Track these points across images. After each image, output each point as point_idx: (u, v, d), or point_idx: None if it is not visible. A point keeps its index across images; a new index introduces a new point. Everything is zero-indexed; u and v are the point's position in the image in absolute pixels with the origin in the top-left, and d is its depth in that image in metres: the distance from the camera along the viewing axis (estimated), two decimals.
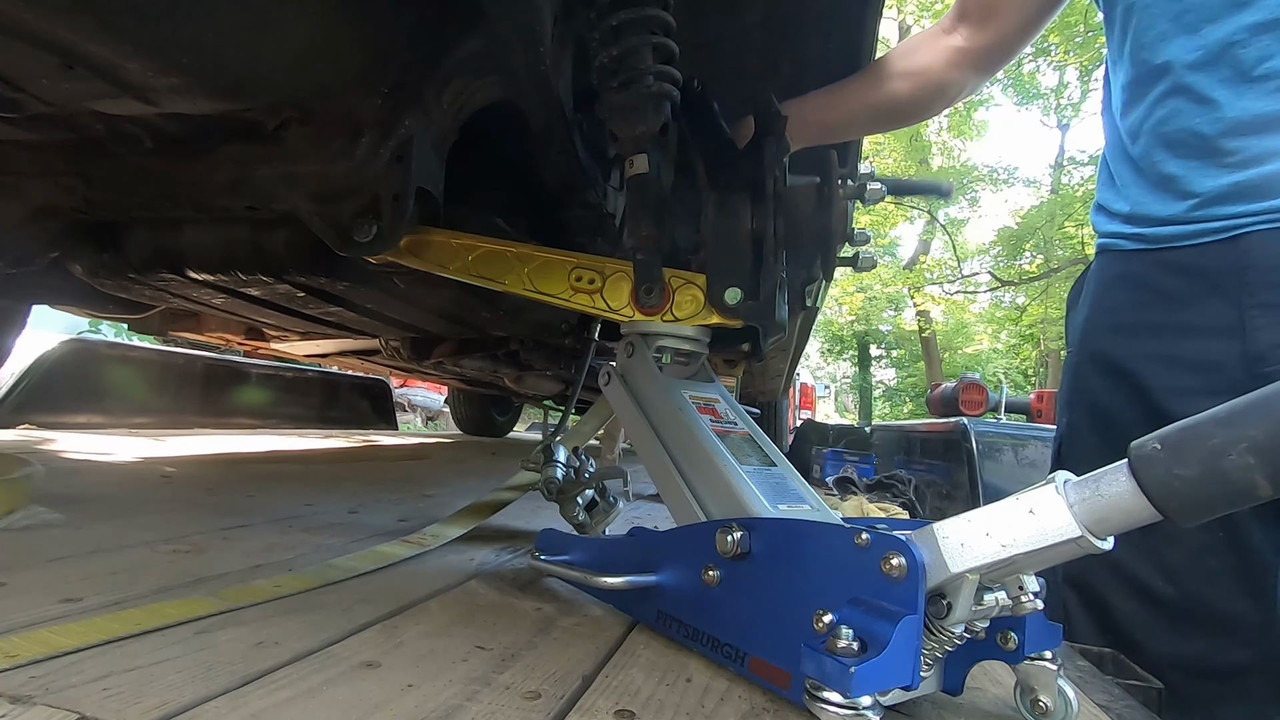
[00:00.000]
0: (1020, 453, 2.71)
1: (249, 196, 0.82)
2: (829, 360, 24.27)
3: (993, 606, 0.47)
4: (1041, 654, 0.52)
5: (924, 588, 0.44)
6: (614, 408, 0.84)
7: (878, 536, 0.46)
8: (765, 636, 0.54)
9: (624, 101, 0.79)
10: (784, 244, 0.81)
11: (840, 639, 0.44)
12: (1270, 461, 0.35)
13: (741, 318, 0.79)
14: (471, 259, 0.89)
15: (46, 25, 0.50)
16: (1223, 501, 0.37)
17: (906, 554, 0.44)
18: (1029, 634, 0.51)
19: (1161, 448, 0.39)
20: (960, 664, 0.54)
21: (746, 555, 0.57)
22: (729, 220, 0.80)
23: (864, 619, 0.45)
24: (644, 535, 0.70)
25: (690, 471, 0.73)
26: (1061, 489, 0.42)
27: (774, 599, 0.54)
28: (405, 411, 8.91)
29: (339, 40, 0.70)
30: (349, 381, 4.06)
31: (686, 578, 0.63)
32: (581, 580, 0.73)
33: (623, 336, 0.85)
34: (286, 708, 0.46)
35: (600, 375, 0.86)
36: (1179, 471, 0.38)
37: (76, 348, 2.58)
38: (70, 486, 1.29)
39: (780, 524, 0.57)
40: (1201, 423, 0.39)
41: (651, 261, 0.82)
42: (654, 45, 0.78)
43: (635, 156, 0.82)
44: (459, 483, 1.90)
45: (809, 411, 9.74)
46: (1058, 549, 0.42)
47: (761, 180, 0.78)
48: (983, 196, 16.65)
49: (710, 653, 0.60)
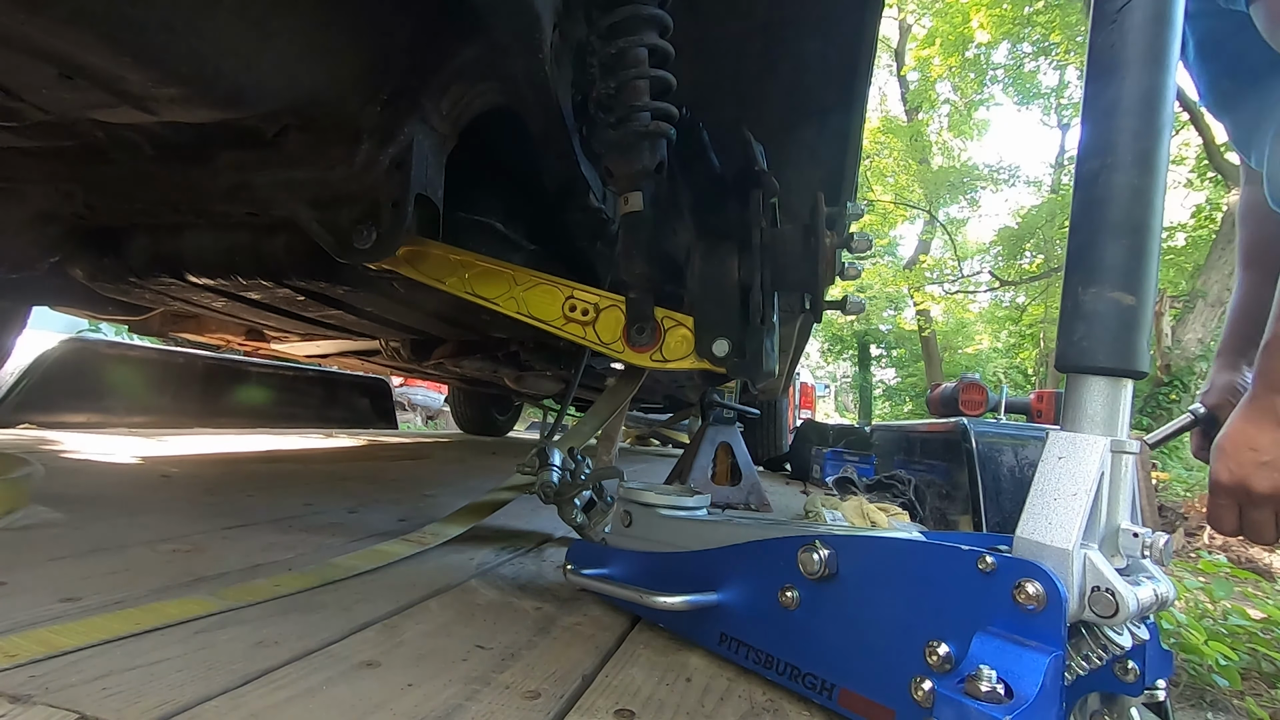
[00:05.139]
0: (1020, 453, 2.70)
1: (248, 202, 0.83)
2: (829, 360, 24.24)
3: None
4: (1155, 684, 0.47)
5: (1066, 619, 0.40)
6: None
7: (1005, 560, 0.42)
8: (858, 667, 0.49)
9: (620, 139, 0.79)
10: (770, 291, 0.81)
11: (982, 680, 0.38)
12: None
13: (729, 370, 0.80)
14: (468, 276, 0.90)
15: (46, 37, 0.51)
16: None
17: (1045, 581, 0.40)
18: (1149, 663, 0.46)
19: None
20: (1069, 699, 0.47)
21: (834, 576, 0.52)
22: (716, 270, 0.80)
23: (999, 655, 0.39)
24: (702, 550, 0.64)
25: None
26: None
27: (869, 626, 0.48)
28: (405, 410, 8.91)
29: (337, 48, 0.70)
30: (349, 381, 4.06)
31: (758, 598, 0.57)
32: (635, 599, 0.67)
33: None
34: (286, 707, 0.47)
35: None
36: None
37: (76, 347, 2.58)
38: (70, 486, 1.29)
39: (877, 542, 0.51)
40: None
41: (644, 300, 0.83)
42: (651, 79, 0.78)
43: (630, 194, 0.82)
44: (459, 482, 1.90)
45: (809, 411, 9.73)
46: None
47: (749, 230, 0.78)
48: (983, 196, 16.64)
49: (789, 683, 0.54)
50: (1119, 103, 0.49)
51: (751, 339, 0.79)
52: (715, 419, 1.98)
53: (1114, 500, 0.45)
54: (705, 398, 2.00)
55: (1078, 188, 0.50)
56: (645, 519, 0.75)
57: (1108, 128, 0.49)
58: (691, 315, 0.82)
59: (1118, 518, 0.45)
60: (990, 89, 16.01)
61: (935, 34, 14.13)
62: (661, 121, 0.79)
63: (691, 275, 0.82)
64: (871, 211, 14.43)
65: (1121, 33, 0.49)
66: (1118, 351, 0.47)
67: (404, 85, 0.76)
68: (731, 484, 1.93)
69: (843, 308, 0.89)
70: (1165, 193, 0.49)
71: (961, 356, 18.65)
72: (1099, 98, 0.50)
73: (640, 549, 0.74)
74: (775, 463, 3.67)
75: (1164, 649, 0.48)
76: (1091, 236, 0.49)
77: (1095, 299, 0.47)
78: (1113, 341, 0.47)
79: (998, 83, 15.76)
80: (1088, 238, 0.49)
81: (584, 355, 1.35)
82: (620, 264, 0.85)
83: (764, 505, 1.89)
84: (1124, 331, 0.46)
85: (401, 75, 0.76)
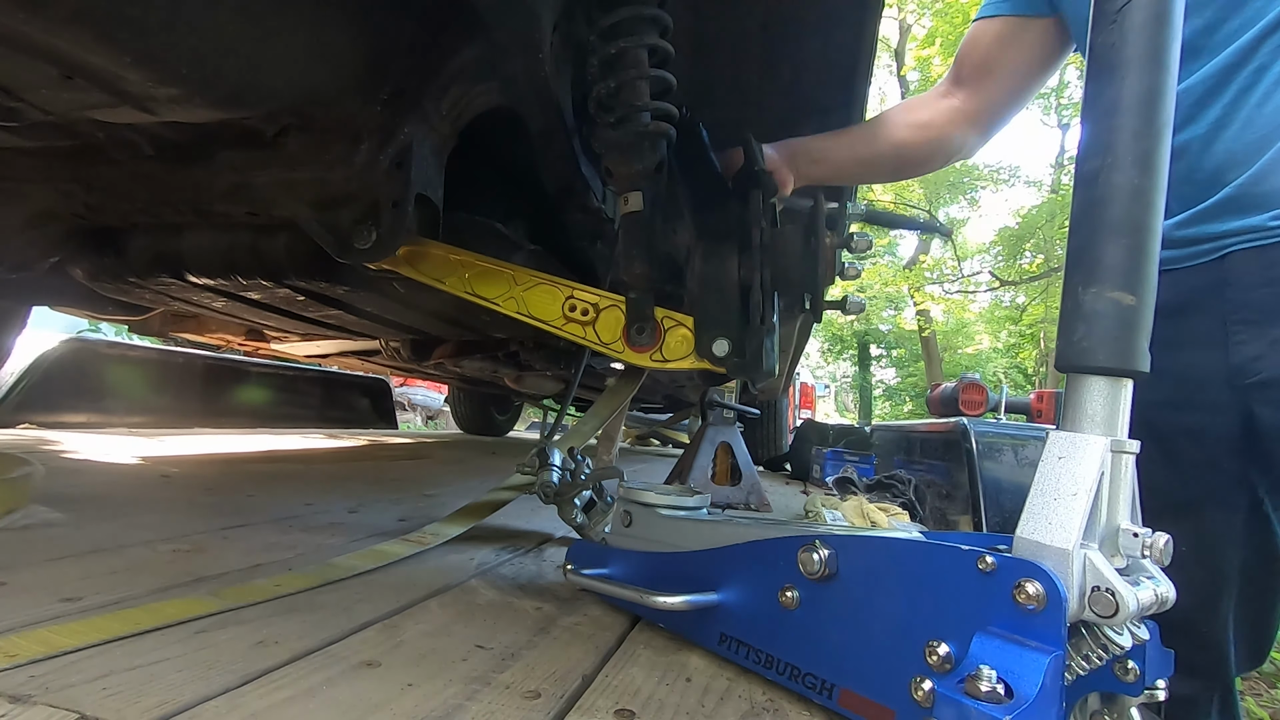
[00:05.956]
0: (1020, 453, 2.70)
1: (249, 202, 0.83)
2: (829, 360, 24.25)
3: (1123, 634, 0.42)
4: (1155, 684, 0.47)
5: (1066, 619, 0.40)
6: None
7: (1005, 560, 0.42)
8: (859, 667, 0.49)
9: (620, 139, 0.79)
10: (770, 291, 0.81)
11: (982, 680, 0.38)
12: None
13: (729, 370, 0.80)
14: (468, 276, 0.90)
15: (46, 37, 0.51)
16: None
17: (1045, 581, 0.39)
18: (1149, 663, 0.46)
19: None
20: (1069, 698, 0.47)
21: (834, 576, 0.52)
22: (716, 270, 0.80)
23: (999, 655, 0.40)
24: (702, 550, 0.64)
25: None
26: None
27: (869, 626, 0.48)
28: (405, 410, 8.91)
29: (338, 48, 0.70)
30: (349, 380, 4.06)
31: (758, 598, 0.57)
32: (635, 599, 0.67)
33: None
34: (286, 707, 0.47)
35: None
36: None
37: (76, 347, 2.58)
38: (70, 486, 1.29)
39: (877, 542, 0.51)
40: None
41: (644, 300, 0.83)
42: (651, 79, 0.78)
43: (630, 194, 0.82)
44: (459, 482, 1.91)
45: (809, 411, 9.73)
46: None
47: (749, 230, 0.79)
48: (983, 196, 16.64)
49: (789, 683, 0.54)
50: (1119, 103, 0.49)
51: (751, 339, 0.79)
52: (715, 419, 1.98)
53: (1114, 500, 0.45)
54: (705, 398, 2.00)
55: (1078, 188, 0.50)
56: (645, 519, 0.75)
57: (1108, 128, 0.49)
58: (691, 315, 0.82)
59: (1118, 518, 0.45)
60: None
61: (935, 34, 14.11)
62: (661, 121, 0.79)
63: (691, 275, 0.82)
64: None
65: (1121, 33, 0.49)
66: (1118, 351, 0.46)
67: (404, 85, 0.76)
68: (731, 484, 1.93)
69: (843, 308, 0.89)
70: (1165, 192, 0.49)
71: (961, 356, 18.66)
72: (1099, 98, 0.50)
73: (640, 549, 0.74)
74: (775, 463, 3.67)
75: (1164, 649, 0.48)
76: (1091, 236, 0.49)
77: (1095, 299, 0.47)
78: (1113, 341, 0.47)
79: None
80: (1088, 238, 0.49)
81: (584, 355, 1.35)
82: (620, 264, 0.85)
83: (764, 505, 1.89)
84: (1124, 331, 0.46)
85: (401, 75, 0.76)
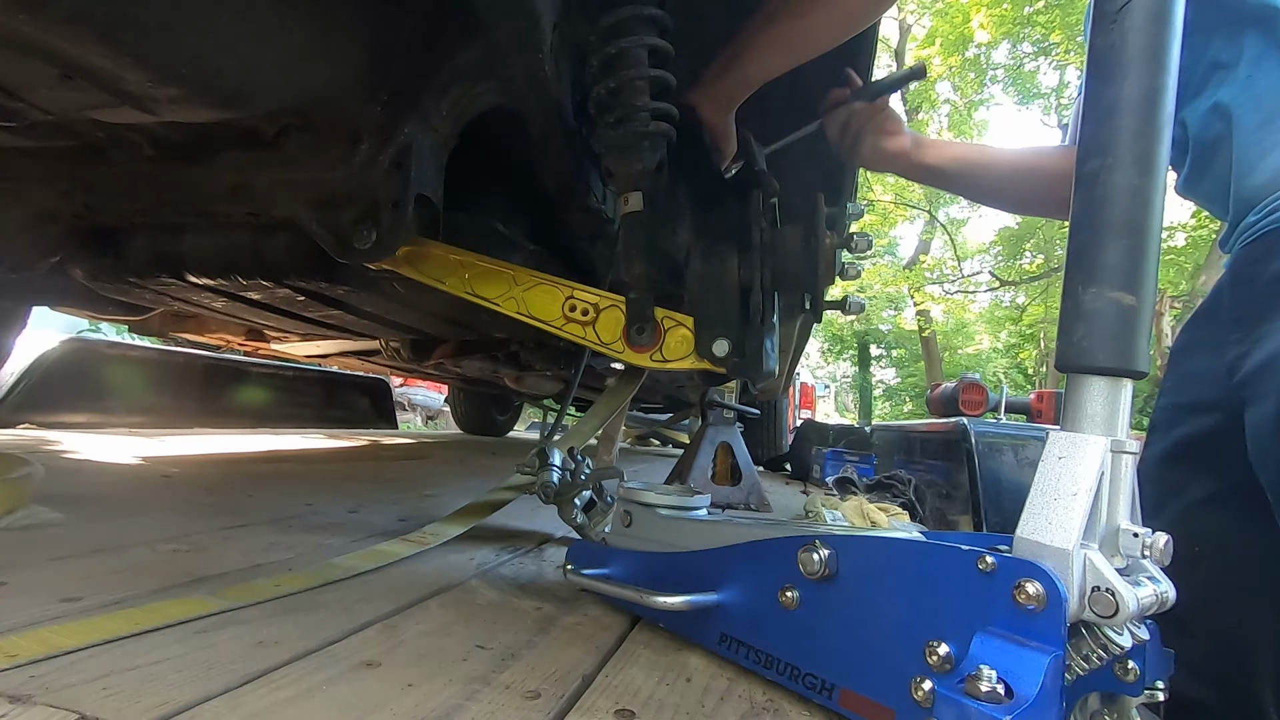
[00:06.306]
0: (1020, 453, 2.70)
1: (249, 202, 0.83)
2: (829, 360, 24.25)
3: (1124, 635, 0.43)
4: (1155, 684, 0.47)
5: (1066, 619, 0.40)
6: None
7: (1005, 560, 0.42)
8: (859, 667, 0.49)
9: (619, 139, 0.79)
10: (770, 291, 0.81)
11: (982, 680, 0.38)
12: None
13: (729, 370, 0.80)
14: (468, 276, 0.90)
15: (46, 36, 0.51)
16: None
17: (1045, 581, 0.40)
18: (1149, 663, 0.46)
19: None
20: (1069, 698, 0.47)
21: (834, 576, 0.52)
22: (716, 270, 0.80)
23: (999, 655, 0.40)
24: (702, 550, 0.65)
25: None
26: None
27: (869, 626, 0.48)
28: (405, 410, 8.91)
29: (337, 48, 0.70)
30: (349, 381, 4.06)
31: (758, 598, 0.57)
32: (635, 599, 0.67)
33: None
34: (286, 707, 0.47)
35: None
36: None
37: (76, 347, 2.58)
38: (70, 486, 1.29)
39: (877, 542, 0.51)
40: None
41: (644, 300, 0.83)
42: (651, 79, 0.78)
43: (630, 194, 0.82)
44: (459, 482, 1.91)
45: (809, 411, 9.74)
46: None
47: (749, 230, 0.78)
48: None
49: (789, 683, 0.54)
50: (1119, 103, 0.49)
51: (751, 339, 0.79)
52: (715, 419, 1.98)
53: (1114, 500, 0.45)
54: (705, 398, 2.00)
55: (1078, 188, 0.50)
56: (645, 519, 0.75)
57: (1108, 128, 0.49)
58: (691, 315, 0.82)
59: (1118, 518, 0.45)
60: (990, 89, 16.01)
61: (935, 34, 14.12)
62: (661, 121, 0.79)
63: (691, 275, 0.82)
64: (871, 211, 14.41)
65: (1121, 33, 0.49)
66: (1118, 351, 0.47)
67: (404, 85, 0.76)
68: (731, 484, 1.94)
69: (843, 308, 0.89)
70: (1165, 193, 0.49)
71: (961, 356, 18.67)
72: (1099, 98, 0.50)
73: (640, 549, 0.74)
74: (775, 463, 3.68)
75: (1164, 649, 0.48)
76: (1091, 236, 0.49)
77: (1095, 299, 0.47)
78: (1113, 341, 0.47)
79: (998, 83, 15.76)
80: (1088, 238, 0.49)
81: (584, 355, 1.35)
82: (620, 264, 0.85)
83: (764, 505, 1.89)
84: (1124, 331, 0.47)
85: (401, 75, 0.76)
